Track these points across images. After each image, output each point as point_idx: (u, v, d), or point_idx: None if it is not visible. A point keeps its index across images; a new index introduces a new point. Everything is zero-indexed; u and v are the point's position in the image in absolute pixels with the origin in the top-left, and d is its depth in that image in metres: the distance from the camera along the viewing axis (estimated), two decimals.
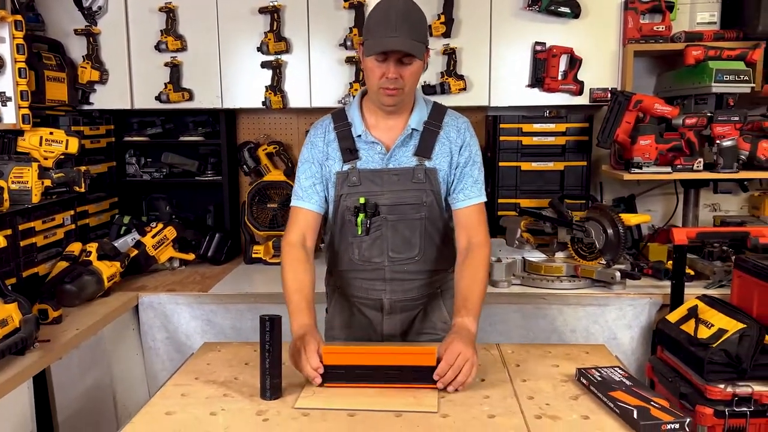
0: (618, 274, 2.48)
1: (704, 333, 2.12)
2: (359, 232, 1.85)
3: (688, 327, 2.20)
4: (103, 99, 2.94)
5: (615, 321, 2.50)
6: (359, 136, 1.86)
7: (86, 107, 2.94)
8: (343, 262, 1.94)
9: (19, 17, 2.38)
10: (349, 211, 1.85)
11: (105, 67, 2.91)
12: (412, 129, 1.86)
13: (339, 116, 1.92)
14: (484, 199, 1.90)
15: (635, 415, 1.35)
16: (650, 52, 2.95)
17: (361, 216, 1.83)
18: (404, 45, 1.69)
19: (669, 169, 2.62)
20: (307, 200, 1.88)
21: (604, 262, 2.54)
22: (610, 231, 2.50)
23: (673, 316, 2.30)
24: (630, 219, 2.53)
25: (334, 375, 1.54)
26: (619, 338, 2.50)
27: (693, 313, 2.22)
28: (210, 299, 2.57)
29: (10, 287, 2.03)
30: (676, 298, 2.40)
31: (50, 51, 2.79)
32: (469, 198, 1.87)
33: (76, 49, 2.90)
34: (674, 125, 2.66)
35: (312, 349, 1.55)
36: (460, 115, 1.95)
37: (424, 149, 1.86)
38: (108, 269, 2.49)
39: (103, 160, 3.03)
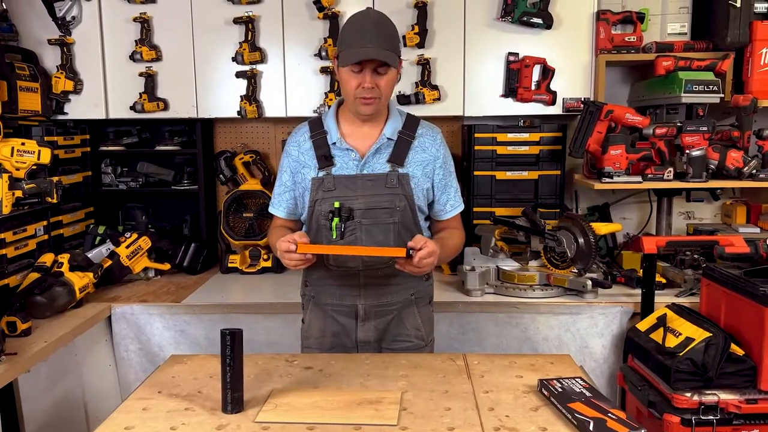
0: (589, 282, 2.50)
1: (672, 342, 2.15)
2: (334, 236, 1.88)
3: (657, 335, 2.23)
4: (77, 109, 2.94)
5: (587, 329, 2.51)
6: (334, 143, 1.91)
7: (61, 117, 2.93)
8: (318, 269, 1.96)
9: None
10: (324, 215, 1.89)
11: (79, 77, 2.90)
12: (387, 138, 1.90)
13: (315, 124, 1.98)
14: (463, 206, 2.06)
15: (591, 427, 1.36)
16: (622, 63, 2.98)
17: (336, 220, 1.87)
18: (379, 54, 1.77)
19: (640, 179, 2.65)
20: (277, 207, 2.03)
21: (576, 271, 2.56)
22: (581, 240, 2.52)
23: (643, 325, 2.33)
24: (601, 228, 2.55)
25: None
26: (591, 347, 2.52)
27: (662, 321, 2.25)
28: (183, 310, 2.56)
29: None
30: (647, 307, 2.42)
31: (24, 61, 2.79)
32: (454, 208, 2.02)
33: (51, 59, 2.90)
34: (645, 135, 2.68)
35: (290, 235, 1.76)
36: (433, 126, 2.02)
37: (398, 157, 1.91)
38: (80, 280, 2.48)
39: (78, 170, 3.02)
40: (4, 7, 2.78)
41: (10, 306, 2.24)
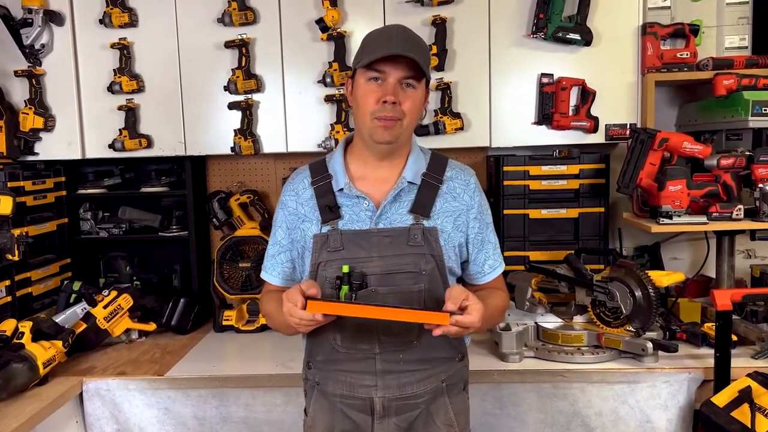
0: (650, 345, 2.09)
1: (764, 426, 1.74)
2: None
3: (742, 415, 1.83)
4: (49, 148, 2.58)
5: (648, 401, 2.10)
6: (341, 189, 1.55)
7: (30, 158, 2.57)
8: (322, 350, 1.58)
9: None
10: (330, 283, 1.51)
11: (51, 113, 2.55)
12: (408, 182, 1.54)
13: (318, 168, 1.62)
14: (504, 265, 1.72)
15: None
16: (672, 82, 2.60)
17: (345, 289, 1.49)
18: (408, 51, 1.44)
19: (704, 219, 2.25)
20: (270, 271, 1.67)
21: (633, 330, 2.15)
22: (638, 293, 2.12)
23: (720, 399, 1.92)
24: (662, 279, 2.14)
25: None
26: (654, 421, 2.10)
27: (746, 396, 1.85)
28: (167, 384, 2.17)
29: None
30: (722, 375, 2.00)
31: None
32: (494, 269, 1.67)
33: (18, 92, 2.55)
34: (707, 166, 2.29)
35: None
36: (466, 167, 1.66)
37: (423, 206, 1.54)
38: (45, 352, 2.09)
39: (51, 217, 2.65)
40: None
41: None
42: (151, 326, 2.55)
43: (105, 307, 2.41)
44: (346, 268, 1.49)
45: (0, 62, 2.52)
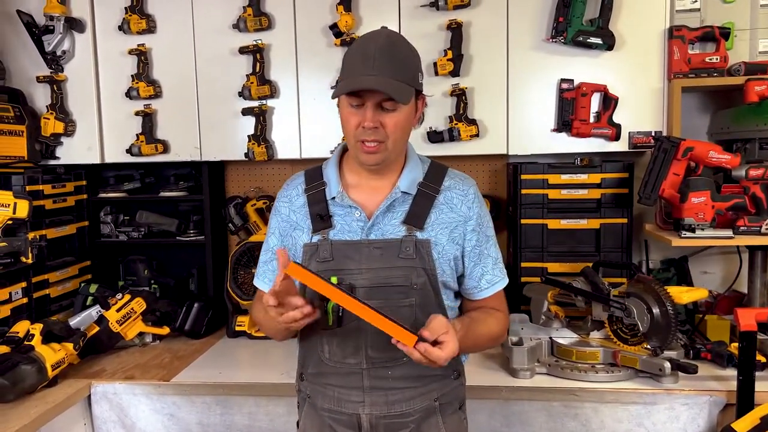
0: (668, 365, 1.98)
1: None
2: (329, 323, 1.46)
3: None
4: (70, 153, 2.62)
5: (665, 424, 1.99)
6: (333, 198, 1.50)
7: (52, 162, 2.62)
8: (311, 362, 1.54)
9: None
10: (318, 294, 1.45)
11: (71, 118, 2.59)
12: (402, 192, 1.48)
13: (313, 175, 1.58)
14: (507, 280, 1.59)
15: None
16: (701, 88, 2.47)
17: (332, 302, 1.43)
18: (380, 84, 1.35)
19: (730, 233, 2.12)
20: (262, 278, 1.63)
21: (650, 349, 2.05)
22: (656, 311, 2.01)
23: (741, 425, 1.81)
24: (682, 296, 2.03)
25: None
26: None
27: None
28: (172, 390, 2.17)
29: None
30: (745, 399, 1.88)
31: (9, 102, 2.49)
32: (492, 284, 1.57)
33: (41, 98, 2.60)
34: (735, 177, 2.17)
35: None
36: (466, 177, 1.58)
37: (416, 217, 1.48)
38: (54, 354, 2.12)
39: (70, 220, 2.70)
40: None
41: None
42: (165, 330, 2.56)
43: (118, 310, 2.42)
44: (334, 280, 1.44)
45: (24, 68, 2.58)
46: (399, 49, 1.43)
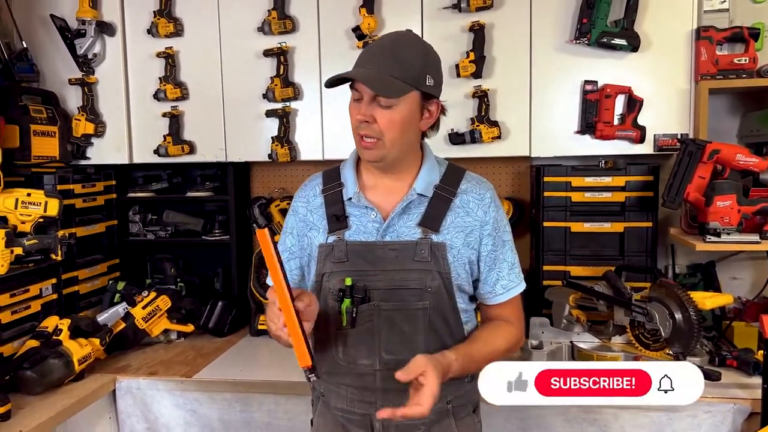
0: None
1: None
2: (344, 323, 1.47)
3: None
4: (100, 153, 2.69)
5: None
6: (350, 199, 1.51)
7: (83, 162, 2.69)
8: (325, 360, 1.55)
9: None
10: (333, 295, 1.48)
11: (101, 119, 2.66)
12: (418, 194, 1.48)
13: (331, 176, 1.60)
14: (524, 285, 1.56)
15: None
16: (730, 90, 2.42)
17: (347, 302, 1.46)
18: (364, 75, 1.38)
19: (756, 237, 2.08)
20: None
21: (672, 354, 2.01)
22: (678, 316, 1.98)
23: None
24: (705, 301, 1.99)
25: None
26: None
27: None
28: (194, 386, 2.21)
29: None
30: None
31: (43, 103, 2.57)
32: (507, 289, 1.54)
33: (74, 100, 2.67)
34: (762, 180, 2.12)
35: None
36: (483, 180, 1.57)
37: (432, 219, 1.48)
38: (81, 349, 2.18)
39: (100, 219, 2.76)
40: (24, 45, 2.59)
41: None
42: (189, 328, 2.61)
43: (144, 307, 2.48)
44: (349, 281, 1.46)
45: (57, 71, 2.66)
46: (402, 48, 1.43)
